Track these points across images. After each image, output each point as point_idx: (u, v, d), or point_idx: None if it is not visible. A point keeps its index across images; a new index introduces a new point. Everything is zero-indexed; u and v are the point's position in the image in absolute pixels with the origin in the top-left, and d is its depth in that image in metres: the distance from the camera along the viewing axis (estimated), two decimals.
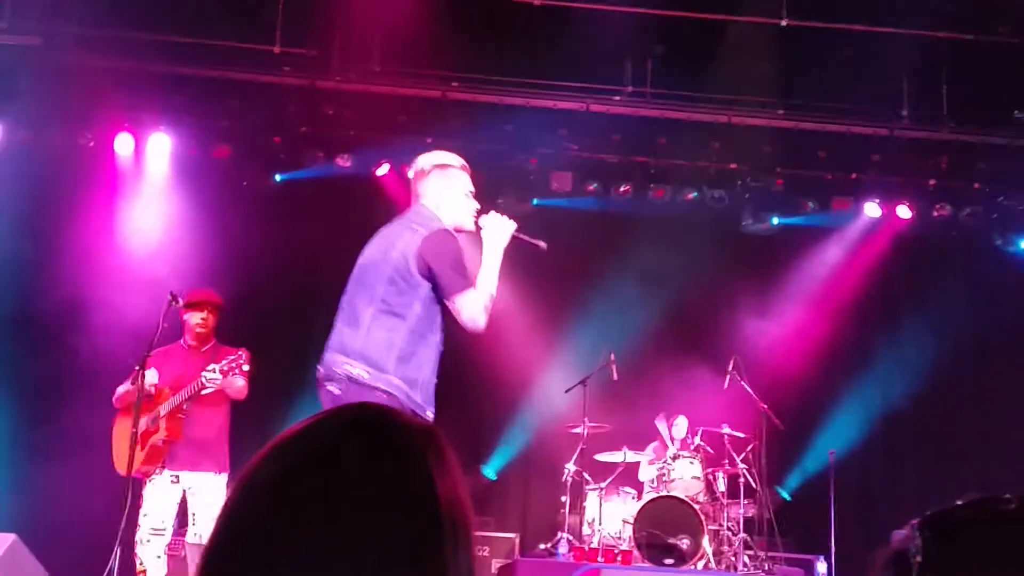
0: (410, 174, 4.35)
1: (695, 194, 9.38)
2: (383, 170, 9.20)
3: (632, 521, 7.51)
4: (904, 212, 9.28)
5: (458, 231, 4.20)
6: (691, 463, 8.03)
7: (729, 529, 7.77)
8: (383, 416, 1.05)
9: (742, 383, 8.09)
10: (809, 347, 9.41)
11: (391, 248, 4.09)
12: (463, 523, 1.01)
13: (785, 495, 8.40)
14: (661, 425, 8.43)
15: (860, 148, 9.14)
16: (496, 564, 7.76)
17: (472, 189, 4.33)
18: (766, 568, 7.51)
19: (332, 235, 9.13)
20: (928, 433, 9.33)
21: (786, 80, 8.75)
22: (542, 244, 4.42)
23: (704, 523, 7.48)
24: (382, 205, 9.29)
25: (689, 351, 9.24)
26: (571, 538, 7.67)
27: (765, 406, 8.12)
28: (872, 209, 9.31)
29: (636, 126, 9.13)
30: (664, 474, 7.95)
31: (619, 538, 7.68)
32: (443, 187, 4.25)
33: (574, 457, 7.96)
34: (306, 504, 0.97)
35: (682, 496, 7.62)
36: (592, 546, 7.64)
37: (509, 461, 9.25)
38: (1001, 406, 9.31)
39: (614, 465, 8.20)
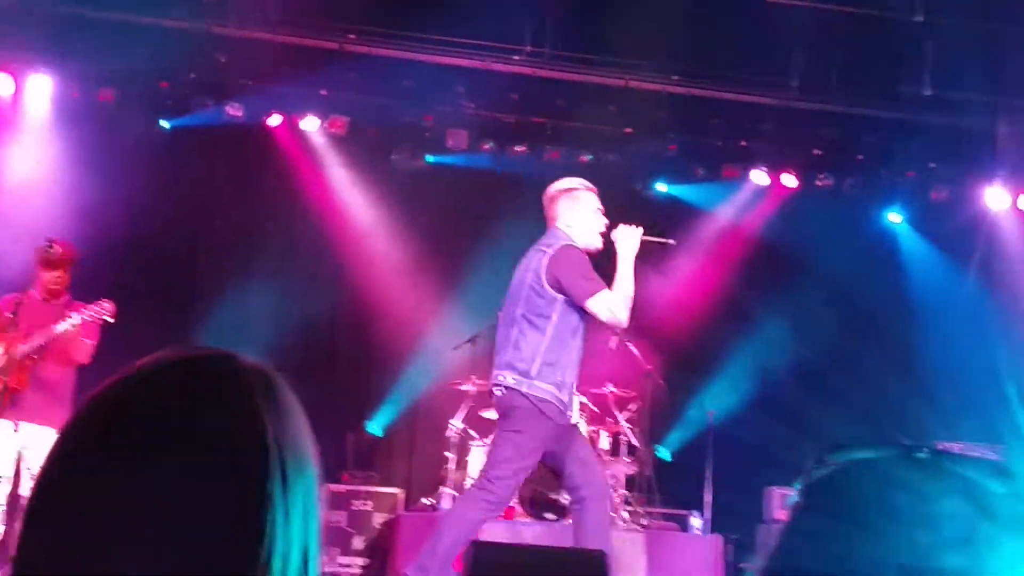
0: (544, 200, 4.93)
1: (590, 156, 9.46)
2: (275, 120, 9.05)
3: None
4: (790, 181, 9.52)
5: (587, 250, 4.73)
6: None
7: (610, 486, 7.92)
8: (208, 357, 1.02)
9: (628, 343, 8.23)
10: (698, 309, 9.63)
11: (527, 271, 4.69)
12: (299, 468, 0.98)
13: (665, 454, 8.61)
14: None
15: (750, 116, 9.33)
16: (380, 518, 7.80)
17: (600, 207, 4.84)
18: (643, 523, 7.71)
19: (220, 185, 9.00)
20: (807, 395, 9.64)
21: (682, 46, 8.84)
22: (671, 241, 5.09)
23: None
24: (273, 156, 9.17)
25: None
26: (455, 493, 7.74)
27: (650, 366, 8.29)
28: (760, 177, 9.53)
29: (534, 86, 9.15)
30: None
31: None
32: (571, 209, 4.80)
33: (460, 414, 8.01)
34: (123, 450, 0.94)
35: None
36: None
37: (396, 417, 9.26)
38: (879, 371, 9.66)
39: None
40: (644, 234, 4.79)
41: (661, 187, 9.87)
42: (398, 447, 9.32)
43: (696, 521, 7.86)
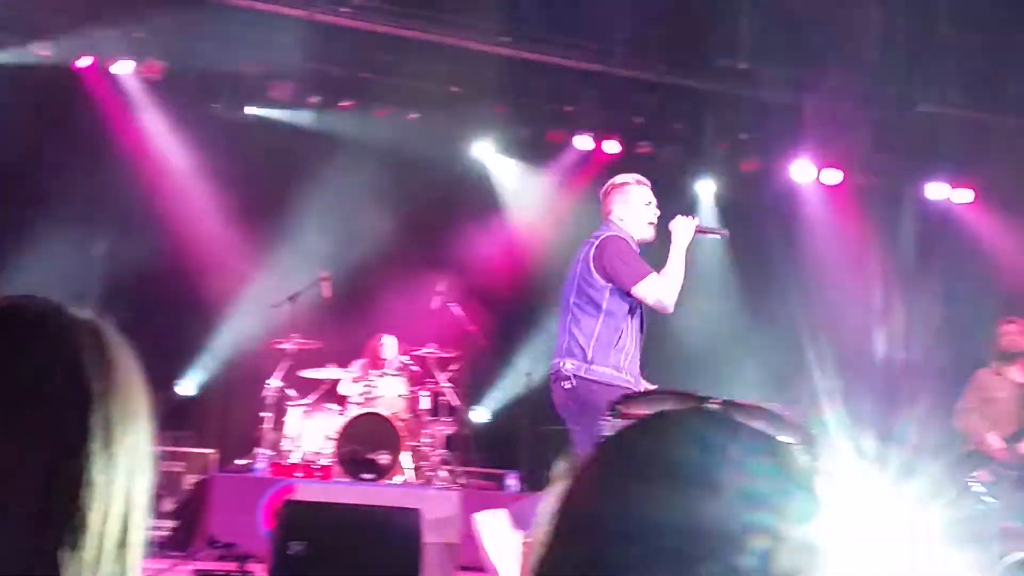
0: (600, 195, 5.19)
1: (418, 114, 9.41)
2: (85, 62, 8.58)
3: (334, 437, 7.55)
4: (612, 147, 9.72)
5: (641, 242, 4.96)
6: (396, 381, 8.15)
7: (429, 446, 7.97)
8: (30, 307, 0.97)
9: (451, 304, 8.28)
10: (520, 271, 9.74)
11: (577, 261, 4.93)
12: (126, 425, 0.95)
13: (484, 415, 8.72)
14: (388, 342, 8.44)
15: (576, 82, 9.45)
16: (191, 479, 7.60)
17: (651, 200, 5.07)
18: (460, 482, 7.80)
19: (27, 126, 8.47)
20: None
21: (512, 9, 8.87)
22: (724, 232, 5.33)
23: (404, 440, 7.63)
24: (83, 99, 8.69)
25: (404, 271, 9.33)
26: (271, 454, 7.62)
27: (473, 327, 8.36)
28: (583, 142, 9.70)
29: (362, 41, 8.97)
30: (369, 391, 8.03)
31: (320, 454, 7.70)
32: (622, 203, 5.03)
33: (278, 373, 7.87)
34: None
35: (385, 413, 7.73)
36: (292, 462, 7.63)
37: (211, 376, 9.03)
38: (689, 336, 10.02)
39: (320, 382, 8.19)
40: (699, 226, 5.05)
41: (486, 147, 9.93)
42: (213, 407, 9.07)
43: (512, 481, 8.00)
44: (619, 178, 5.23)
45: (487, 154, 9.98)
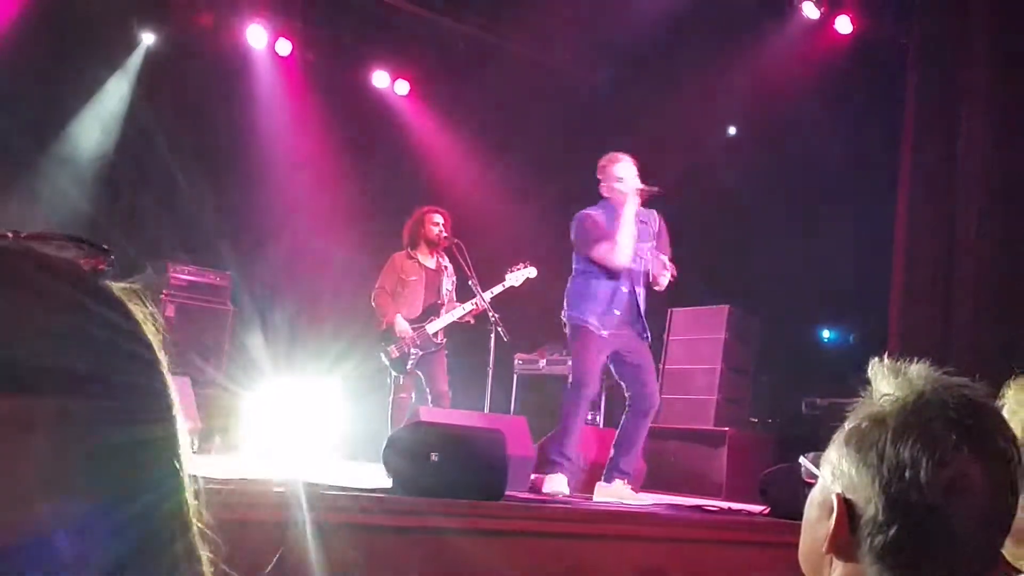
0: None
1: None
2: None
3: None
4: None
5: (621, 203, 5.87)
6: None
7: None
8: None
9: None
10: None
11: None
12: None
13: None
14: None
15: None
16: None
17: (633, 172, 5.92)
18: None
19: None
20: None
21: None
22: (656, 189, 5.93)
23: None
24: None
25: None
26: None
27: None
28: None
29: None
30: None
31: None
32: (609, 178, 5.96)
33: None
34: None
35: None
36: None
37: None
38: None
39: None
40: (639, 190, 5.86)
41: None
42: None
43: None
44: (604, 159, 6.03)
45: None
